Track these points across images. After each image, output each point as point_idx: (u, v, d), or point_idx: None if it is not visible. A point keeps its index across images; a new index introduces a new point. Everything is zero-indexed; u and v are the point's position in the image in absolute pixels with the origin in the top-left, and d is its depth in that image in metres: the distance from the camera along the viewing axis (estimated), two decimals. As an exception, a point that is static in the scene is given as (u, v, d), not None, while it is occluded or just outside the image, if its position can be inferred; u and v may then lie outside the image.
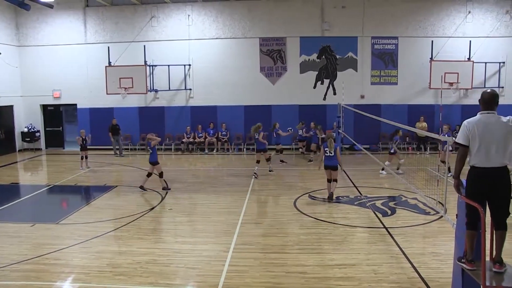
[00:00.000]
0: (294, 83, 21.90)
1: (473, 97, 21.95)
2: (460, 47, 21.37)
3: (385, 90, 22.00)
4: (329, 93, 22.05)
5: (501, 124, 5.18)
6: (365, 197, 12.86)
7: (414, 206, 11.84)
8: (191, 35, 21.89)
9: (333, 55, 21.86)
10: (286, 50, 21.89)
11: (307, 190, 13.69)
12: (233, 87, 21.90)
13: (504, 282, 5.01)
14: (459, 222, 5.66)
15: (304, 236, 9.51)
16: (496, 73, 21.80)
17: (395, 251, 8.63)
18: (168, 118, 22.35)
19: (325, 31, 21.67)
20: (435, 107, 21.49)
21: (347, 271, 7.66)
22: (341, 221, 10.61)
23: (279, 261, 8.11)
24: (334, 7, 21.55)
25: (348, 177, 15.61)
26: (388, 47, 21.95)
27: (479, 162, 5.16)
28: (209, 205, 12.32)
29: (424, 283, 7.21)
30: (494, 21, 21.83)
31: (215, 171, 17.43)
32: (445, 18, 21.78)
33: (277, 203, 12.47)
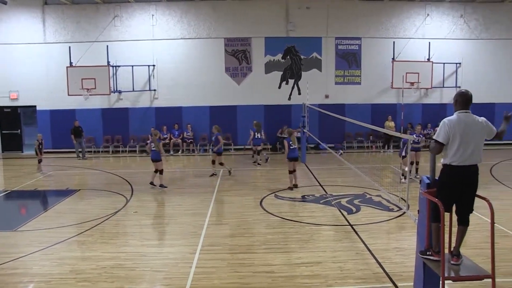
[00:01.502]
0: (259, 83, 21.97)
1: (432, 96, 22.65)
2: (420, 48, 21.98)
3: (349, 90, 22.34)
4: (294, 93, 22.23)
5: (478, 123, 5.35)
6: (331, 195, 13.01)
7: (378, 203, 12.07)
8: (155, 35, 21.65)
9: (298, 55, 22.04)
10: (251, 50, 21.94)
11: (273, 190, 13.76)
12: (198, 87, 21.77)
13: (461, 272, 5.24)
14: (420, 217, 5.80)
15: (270, 236, 9.55)
16: (454, 73, 22.53)
17: (360, 248, 8.78)
18: (132, 119, 22.02)
19: (290, 31, 21.83)
20: (397, 106, 21.94)
21: (313, 269, 7.74)
22: (307, 219, 10.71)
23: (246, 261, 8.12)
24: (298, 8, 21.74)
25: (314, 176, 15.77)
26: (352, 48, 22.29)
27: (457, 160, 5.27)
28: (174, 207, 12.23)
29: (388, 277, 7.37)
30: (450, 24, 22.56)
31: (181, 172, 17.31)
32: (405, 20, 22.31)
33: (243, 203, 12.46)
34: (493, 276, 5.02)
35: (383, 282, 7.27)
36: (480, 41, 22.83)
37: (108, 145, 21.76)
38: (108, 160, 20.53)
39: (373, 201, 12.40)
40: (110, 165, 19.24)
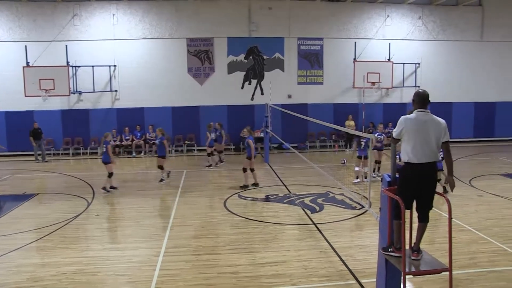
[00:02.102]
0: (222, 84, 21.94)
1: (393, 96, 23.17)
2: (380, 48, 22.47)
3: (312, 89, 22.59)
4: (256, 93, 22.30)
5: (435, 122, 5.47)
6: (294, 195, 13.11)
7: (341, 202, 12.25)
8: (116, 35, 21.28)
9: (261, 55, 22.13)
10: (213, 50, 21.88)
11: (237, 190, 13.76)
12: (161, 88, 21.54)
13: (421, 267, 5.38)
14: (382, 215, 5.92)
15: (235, 236, 9.55)
16: (413, 73, 23.14)
17: (324, 246, 8.89)
18: (93, 120, 21.56)
19: (252, 31, 21.90)
20: (359, 106, 22.31)
21: (278, 268, 7.78)
22: (271, 219, 10.76)
23: (211, 263, 8.09)
24: (260, 8, 21.83)
25: (277, 175, 15.86)
26: (314, 48, 22.54)
27: (415, 158, 5.38)
28: (137, 209, 12.04)
29: (352, 275, 7.50)
30: (409, 25, 23.17)
31: (143, 174, 17.08)
32: (366, 21, 22.74)
33: (207, 204, 12.42)
34: (450, 269, 5.19)
35: (347, 279, 7.38)
36: (437, 42, 23.55)
37: (68, 147, 21.26)
38: (69, 162, 20.06)
39: (336, 199, 12.58)
40: (71, 167, 18.82)
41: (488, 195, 12.98)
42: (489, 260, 8.15)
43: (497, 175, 15.77)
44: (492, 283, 7.21)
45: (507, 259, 8.22)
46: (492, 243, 9.04)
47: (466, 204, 12.08)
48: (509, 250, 8.64)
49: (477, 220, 10.63)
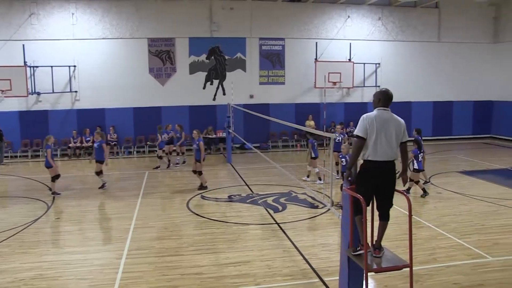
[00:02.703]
0: (184, 84, 21.76)
1: (354, 95, 23.55)
2: (341, 49, 22.79)
3: (273, 89, 22.69)
4: (218, 93, 22.24)
5: (395, 120, 5.55)
6: (257, 194, 13.14)
7: (304, 201, 12.35)
8: (76, 34, 20.74)
9: (222, 55, 22.08)
10: (175, 50, 21.68)
11: (199, 191, 13.69)
12: (122, 88, 21.16)
13: (382, 264, 5.46)
14: (344, 213, 5.99)
15: (198, 237, 9.50)
16: (373, 73, 23.56)
17: (287, 245, 8.95)
18: (53, 122, 20.94)
19: (214, 32, 21.81)
20: (320, 105, 22.56)
21: (241, 268, 7.79)
22: (234, 219, 10.76)
23: (174, 264, 8.02)
24: (222, 8, 21.77)
25: (240, 175, 15.87)
26: (275, 48, 22.64)
27: (375, 155, 5.43)
28: (99, 211, 11.83)
29: (315, 273, 7.58)
30: (369, 26, 23.60)
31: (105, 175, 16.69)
32: (327, 21, 23.02)
33: (169, 205, 12.29)
34: (410, 265, 5.29)
35: (310, 277, 7.45)
36: (397, 42, 24.08)
37: (26, 149, 20.62)
38: (27, 165, 19.45)
39: (299, 199, 12.68)
40: (30, 170, 18.24)
41: (446, 192, 13.37)
42: (447, 255, 8.40)
43: (455, 173, 16.24)
44: (450, 277, 7.43)
45: (464, 253, 8.51)
46: (450, 238, 9.33)
47: (426, 201, 12.40)
48: (466, 244, 8.93)
49: (436, 217, 10.94)
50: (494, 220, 10.61)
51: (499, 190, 13.58)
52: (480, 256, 8.37)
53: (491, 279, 7.37)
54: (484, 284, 7.20)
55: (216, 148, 21.66)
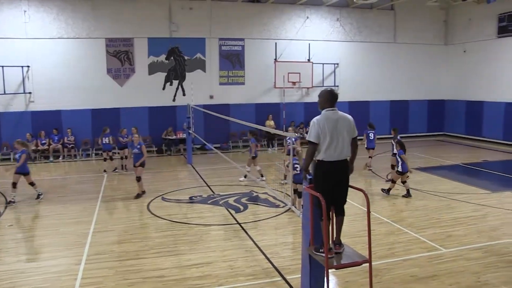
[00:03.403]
0: (143, 85, 21.44)
1: (313, 95, 23.80)
2: (301, 49, 23.04)
3: (233, 90, 22.69)
4: (178, 94, 22.05)
5: (345, 119, 5.63)
6: (218, 195, 13.12)
7: (265, 201, 12.41)
8: (29, 33, 19.98)
9: (182, 56, 21.91)
10: (133, 51, 21.34)
11: (160, 192, 13.55)
12: (79, 90, 20.62)
13: (343, 260, 5.56)
14: (305, 212, 6.05)
15: (159, 239, 9.40)
16: (332, 73, 23.92)
17: (249, 245, 8.97)
18: (5, 125, 20.18)
19: (173, 32, 21.61)
20: (280, 105, 22.72)
21: (204, 270, 7.76)
22: (196, 220, 10.71)
23: (135, 268, 7.91)
24: (181, 9, 21.59)
25: (201, 176, 15.80)
26: (235, 49, 22.65)
27: (329, 156, 5.50)
28: (56, 216, 11.47)
29: (277, 272, 7.64)
30: (328, 26, 23.94)
31: (62, 179, 16.34)
32: (286, 22, 23.19)
33: (129, 208, 12.11)
34: (370, 260, 5.42)
35: (272, 276, 7.50)
36: (354, 43, 24.53)
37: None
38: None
39: (260, 198, 12.74)
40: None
41: (403, 188, 13.68)
42: (404, 249, 8.65)
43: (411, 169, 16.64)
44: (407, 270, 7.67)
45: (420, 246, 8.80)
46: (408, 233, 9.60)
47: (384, 198, 12.68)
48: (422, 238, 9.23)
49: (394, 213, 11.24)
50: (447, 214, 11.01)
51: (452, 185, 14.10)
52: (434, 248, 8.69)
53: (444, 270, 7.70)
54: (438, 274, 7.50)
55: (177, 149, 21.48)
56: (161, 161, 19.56)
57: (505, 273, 7.55)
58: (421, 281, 7.24)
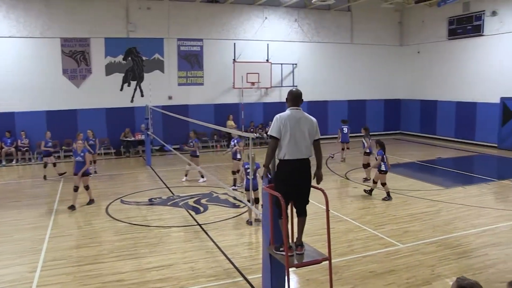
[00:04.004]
0: (100, 86, 20.98)
1: (272, 95, 23.98)
2: (259, 49, 23.12)
3: (192, 90, 22.56)
4: (136, 95, 21.73)
5: (307, 119, 5.70)
6: (178, 196, 13.03)
7: (225, 201, 12.41)
8: (-23, 32, 19.30)
9: (140, 56, 21.61)
10: (90, 51, 20.86)
11: (119, 195, 13.32)
12: (33, 91, 19.96)
13: (303, 259, 5.62)
14: (264, 211, 6.09)
15: (118, 243, 9.25)
16: (291, 73, 24.12)
17: (210, 246, 8.96)
18: (-47, 127, 19.43)
19: (131, 32, 21.26)
20: (239, 105, 22.74)
21: (165, 272, 7.69)
22: (156, 223, 10.60)
23: (94, 272, 7.74)
24: (139, 8, 21.26)
25: (160, 178, 15.65)
26: (194, 49, 22.52)
27: (290, 154, 5.54)
28: (9, 222, 11.05)
29: (239, 272, 7.65)
30: (286, 27, 24.14)
31: (16, 184, 15.80)
32: (245, 22, 23.24)
33: (88, 211, 11.83)
34: (329, 258, 5.51)
35: (234, 277, 7.50)
36: (312, 44, 24.84)
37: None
38: None
39: (220, 199, 12.73)
40: None
41: (362, 186, 13.98)
42: (363, 246, 8.84)
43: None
44: (366, 266, 7.83)
45: (378, 243, 9.01)
46: (366, 230, 9.81)
47: (343, 196, 12.92)
48: (380, 235, 9.45)
49: (353, 210, 11.46)
50: (403, 210, 11.32)
51: (408, 182, 14.51)
52: (392, 244, 8.92)
53: (401, 264, 7.92)
54: (396, 269, 7.71)
55: (135, 151, 21.19)
56: (120, 163, 19.26)
57: (456, 265, 7.89)
58: (379, 277, 7.42)
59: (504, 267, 7.81)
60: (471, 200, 12.24)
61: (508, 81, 20.82)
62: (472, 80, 22.78)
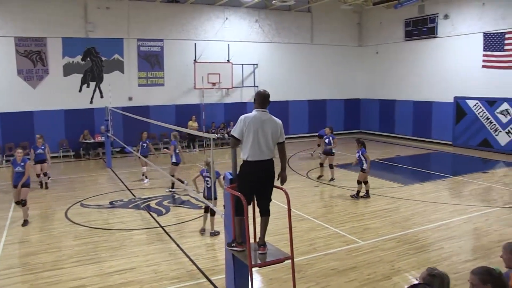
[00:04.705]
0: (58, 87, 20.39)
1: (233, 95, 24.01)
2: (220, 50, 23.08)
3: (153, 91, 22.29)
4: (96, 96, 21.29)
5: (272, 121, 5.72)
6: (139, 199, 12.88)
7: (187, 202, 12.38)
8: None
9: (99, 57, 21.18)
10: (47, 51, 20.25)
11: (78, 198, 13.04)
12: (-15, 92, 19.30)
13: (267, 259, 5.65)
14: (226, 212, 6.10)
15: (79, 247, 9.06)
16: (252, 74, 24.19)
17: (173, 248, 8.91)
18: None
19: (90, 32, 20.78)
20: (200, 106, 22.64)
21: (127, 276, 7.60)
22: (117, 226, 10.45)
23: (53, 279, 7.56)
24: (98, 8, 20.81)
25: (121, 180, 15.43)
26: (154, 49, 22.27)
27: (253, 156, 5.56)
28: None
29: (202, 273, 7.65)
30: (247, 27, 24.18)
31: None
32: (206, 23, 23.14)
33: (46, 216, 11.53)
34: (292, 257, 5.55)
35: (197, 278, 7.49)
36: (273, 44, 24.97)
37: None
38: None
39: (182, 200, 12.69)
40: None
41: (322, 185, 14.19)
42: (325, 244, 8.98)
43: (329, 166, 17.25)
44: (328, 264, 7.97)
45: (340, 240, 9.18)
46: (328, 228, 9.97)
47: (304, 195, 13.04)
48: (341, 232, 9.63)
49: (315, 209, 11.61)
50: (364, 208, 11.57)
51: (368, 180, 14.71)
52: (353, 241, 9.11)
53: (362, 261, 8.11)
54: (357, 266, 7.89)
55: (95, 153, 20.77)
56: (79, 166, 18.87)
57: (415, 259, 8.16)
58: (341, 274, 7.55)
59: (457, 259, 8.14)
60: (428, 196, 12.63)
61: (461, 82, 21.56)
62: (428, 80, 23.45)
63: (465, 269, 7.36)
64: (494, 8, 20.07)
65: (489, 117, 20.45)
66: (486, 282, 3.64)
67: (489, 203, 11.91)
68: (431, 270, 3.71)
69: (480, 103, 20.80)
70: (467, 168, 17.58)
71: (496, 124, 20.19)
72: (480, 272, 3.71)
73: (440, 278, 3.64)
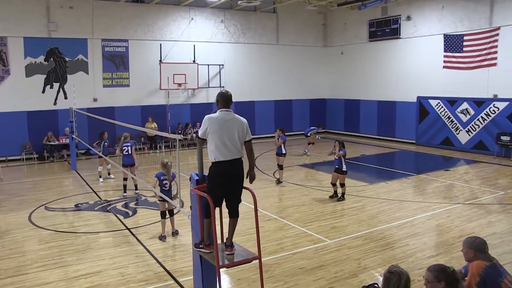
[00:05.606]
0: (20, 88, 19.85)
1: (199, 96, 23.97)
2: (186, 50, 22.97)
3: (118, 92, 21.99)
4: (60, 97, 20.86)
5: (237, 120, 5.72)
6: (105, 201, 12.73)
7: (154, 204, 12.26)
8: None
9: (62, 57, 20.76)
10: (7, 51, 19.69)
11: (42, 201, 12.79)
12: None
13: (234, 259, 5.68)
14: (193, 213, 6.10)
15: (43, 252, 8.89)
16: (218, 74, 24.19)
17: (140, 250, 8.85)
18: None
19: (52, 32, 20.32)
20: (166, 107, 22.49)
21: (93, 280, 7.51)
22: (83, 229, 10.32)
23: (16, 285, 7.40)
24: (61, 7, 20.35)
25: (86, 182, 15.21)
26: (119, 50, 21.98)
27: (220, 156, 5.55)
28: None
29: (170, 275, 7.64)
30: (213, 28, 24.16)
31: None
32: (171, 23, 22.99)
33: (8, 221, 11.23)
34: (260, 257, 5.61)
35: (165, 280, 7.47)
36: (239, 44, 25.02)
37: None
38: None
39: (149, 202, 12.60)
40: None
41: (289, 184, 14.32)
42: (293, 243, 9.08)
43: (296, 166, 17.46)
44: (296, 263, 8.07)
45: (307, 239, 9.30)
46: (295, 227, 10.08)
47: (271, 195, 13.15)
48: (308, 232, 9.76)
49: (282, 209, 11.73)
50: (331, 207, 11.75)
51: (335, 180, 14.98)
52: (320, 240, 9.24)
53: (330, 259, 8.24)
54: (324, 264, 8.02)
55: (60, 155, 20.36)
56: (43, 168, 18.48)
57: (380, 256, 8.35)
58: (309, 272, 7.66)
59: (421, 255, 8.37)
60: (393, 195, 12.92)
61: (423, 82, 22.11)
62: (391, 80, 23.96)
63: (429, 264, 7.53)
64: (453, 11, 20.68)
65: (450, 116, 21.04)
66: (440, 279, 3.87)
67: (451, 200, 12.28)
68: (392, 267, 3.87)
69: (442, 103, 21.37)
70: (430, 166, 18.04)
71: (457, 123, 20.79)
72: (435, 270, 3.95)
73: (397, 275, 3.80)
